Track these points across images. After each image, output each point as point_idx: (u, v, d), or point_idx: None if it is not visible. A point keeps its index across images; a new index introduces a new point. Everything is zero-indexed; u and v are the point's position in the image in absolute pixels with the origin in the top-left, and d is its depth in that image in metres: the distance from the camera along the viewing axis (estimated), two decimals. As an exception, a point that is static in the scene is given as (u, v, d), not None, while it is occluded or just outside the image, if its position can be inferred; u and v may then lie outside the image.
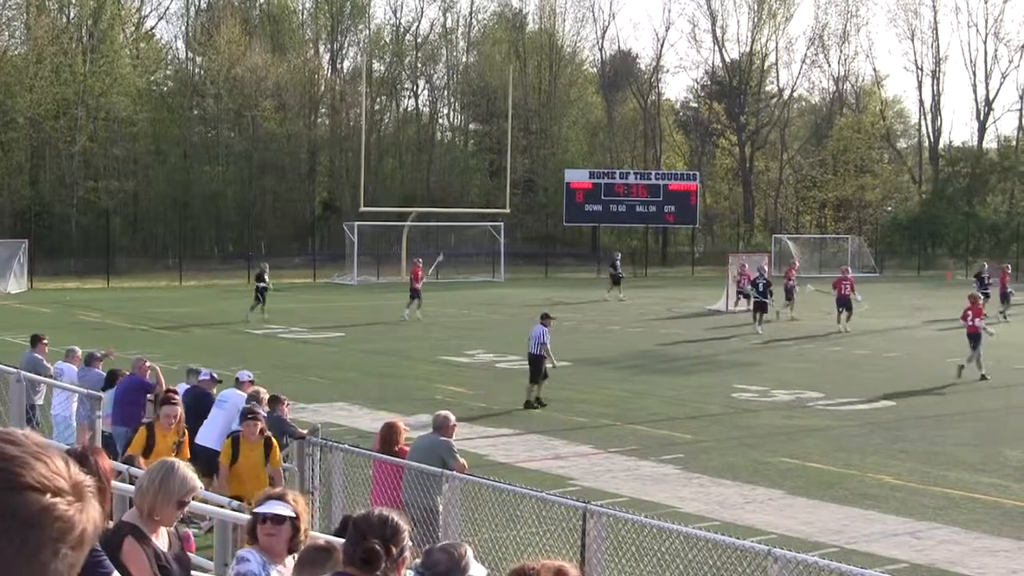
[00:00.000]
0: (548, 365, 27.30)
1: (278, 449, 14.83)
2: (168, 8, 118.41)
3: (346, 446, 15.23)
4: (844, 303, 43.62)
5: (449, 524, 12.79)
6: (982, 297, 36.72)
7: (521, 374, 29.21)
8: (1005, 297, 50.30)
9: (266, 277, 47.14)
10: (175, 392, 16.55)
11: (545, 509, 12.80)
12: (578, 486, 18.51)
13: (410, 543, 6.05)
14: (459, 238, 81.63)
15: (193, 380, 19.33)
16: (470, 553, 5.49)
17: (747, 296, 46.73)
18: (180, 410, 15.61)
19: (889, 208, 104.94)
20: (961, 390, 30.28)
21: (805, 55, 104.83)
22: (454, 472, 13.51)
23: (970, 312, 33.29)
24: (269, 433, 14.83)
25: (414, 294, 46.92)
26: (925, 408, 27.31)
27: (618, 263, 58.78)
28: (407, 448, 14.52)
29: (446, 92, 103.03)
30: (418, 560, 5.74)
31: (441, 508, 13.27)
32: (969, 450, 22.26)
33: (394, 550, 5.92)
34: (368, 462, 14.81)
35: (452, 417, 14.92)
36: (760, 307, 43.61)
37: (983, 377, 31.60)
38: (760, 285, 44.27)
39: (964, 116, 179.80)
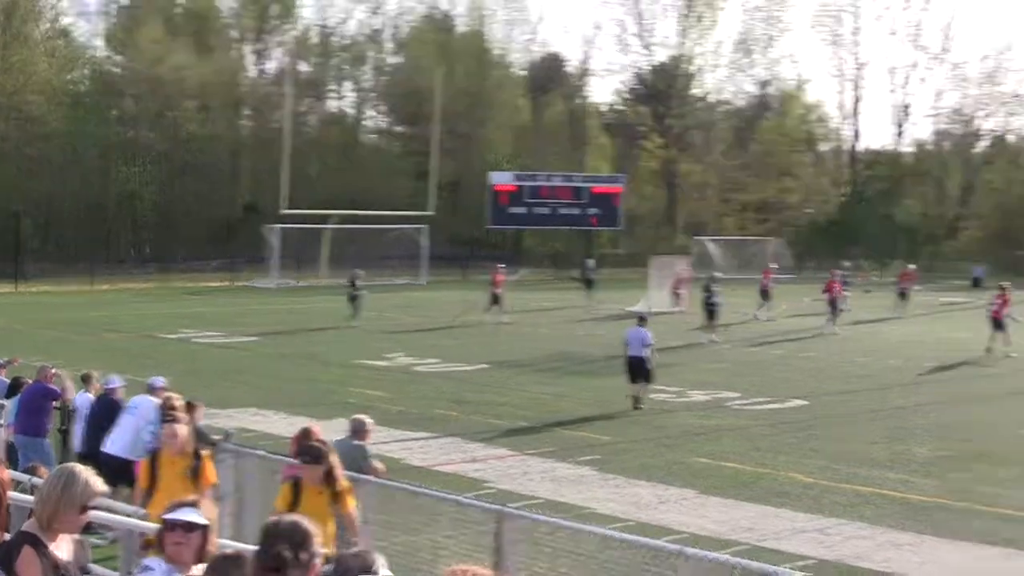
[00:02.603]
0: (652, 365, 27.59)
1: (210, 465, 13.30)
2: (88, 5, 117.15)
3: (261, 452, 15.10)
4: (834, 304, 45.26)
5: (364, 529, 12.88)
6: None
7: (438, 377, 29.31)
8: (903, 295, 51.68)
9: (357, 283, 46.97)
10: (175, 407, 14.72)
11: (461, 512, 12.94)
12: (494, 489, 18.68)
13: (321, 549, 6.08)
14: (383, 241, 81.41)
15: (92, 387, 18.33)
16: (380, 559, 5.58)
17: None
18: (182, 428, 13.25)
19: (809, 210, 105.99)
20: (871, 388, 30.82)
21: (731, 59, 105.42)
22: (370, 476, 13.62)
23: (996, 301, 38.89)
24: (199, 447, 13.31)
25: (495, 299, 48.07)
26: (837, 407, 27.77)
27: (589, 267, 58.86)
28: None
29: (373, 94, 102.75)
30: (329, 566, 5.82)
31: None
32: (878, 447, 22.72)
33: (303, 556, 5.85)
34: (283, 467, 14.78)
35: (369, 421, 14.98)
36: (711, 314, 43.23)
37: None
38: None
39: (883, 121, 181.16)
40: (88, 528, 8.76)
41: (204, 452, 13.35)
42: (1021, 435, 24.28)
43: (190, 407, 15.69)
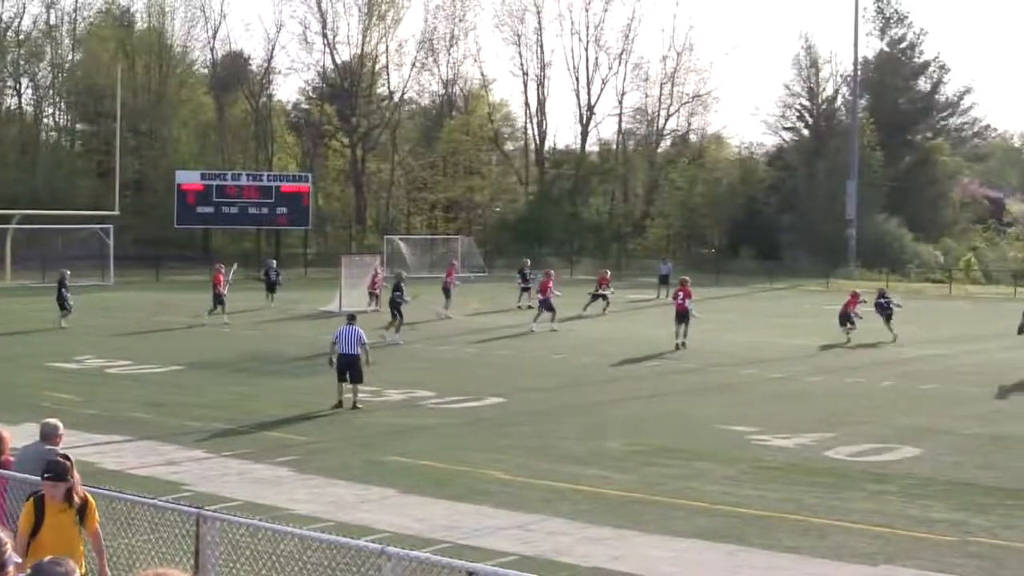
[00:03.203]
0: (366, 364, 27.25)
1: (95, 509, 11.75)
2: None
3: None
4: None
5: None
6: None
7: (130, 379, 28.47)
8: (603, 297, 52.79)
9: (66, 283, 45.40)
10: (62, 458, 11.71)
11: (158, 516, 12.58)
12: (192, 492, 18.26)
13: (15, 556, 5.83)
14: (66, 241, 78.99)
15: None
16: (77, 569, 5.40)
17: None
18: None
19: (497, 209, 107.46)
20: (566, 385, 31.32)
21: (415, 58, 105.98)
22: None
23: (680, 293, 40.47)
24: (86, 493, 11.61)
25: (218, 299, 46.97)
26: (532, 404, 28.09)
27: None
28: (11, 458, 14.02)
29: (51, 91, 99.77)
30: (24, 574, 5.62)
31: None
32: (575, 443, 23.04)
33: None
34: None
35: (60, 425, 14.47)
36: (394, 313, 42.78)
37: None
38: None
39: (568, 120, 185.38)
40: None
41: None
42: (714, 429, 24.96)
43: None
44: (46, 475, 11.15)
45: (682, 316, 40.43)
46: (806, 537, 16.39)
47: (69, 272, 46.89)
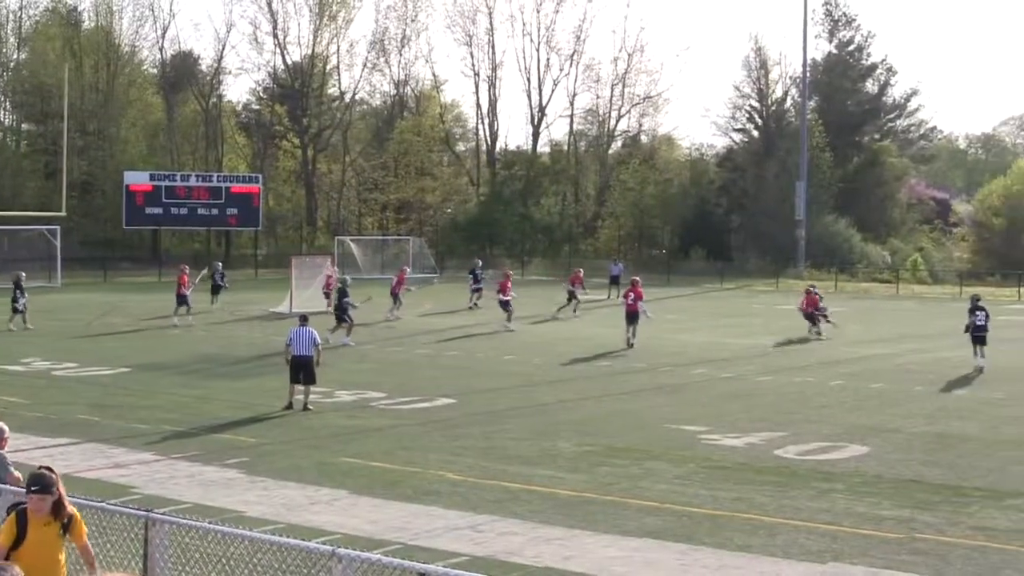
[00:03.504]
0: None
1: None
2: None
3: None
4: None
5: None
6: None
7: (77, 382, 28.29)
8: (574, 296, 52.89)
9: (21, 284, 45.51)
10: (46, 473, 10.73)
11: (106, 519, 12.50)
12: (140, 494, 18.17)
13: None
14: (12, 242, 78.37)
15: None
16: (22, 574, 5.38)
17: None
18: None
19: (449, 210, 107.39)
20: (517, 385, 31.35)
21: (366, 59, 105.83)
22: (8, 486, 13.05)
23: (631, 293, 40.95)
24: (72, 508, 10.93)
25: (181, 300, 47.04)
26: (483, 405, 28.10)
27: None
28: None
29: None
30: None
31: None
32: (526, 444, 23.06)
33: None
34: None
35: (6, 428, 14.39)
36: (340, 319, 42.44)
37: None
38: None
39: (520, 121, 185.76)
40: None
41: None
42: (664, 428, 25.04)
43: None
44: (32, 488, 10.47)
45: (633, 316, 40.60)
46: (756, 536, 16.48)
47: (24, 274, 46.70)
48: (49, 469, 10.80)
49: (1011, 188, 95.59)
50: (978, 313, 36.65)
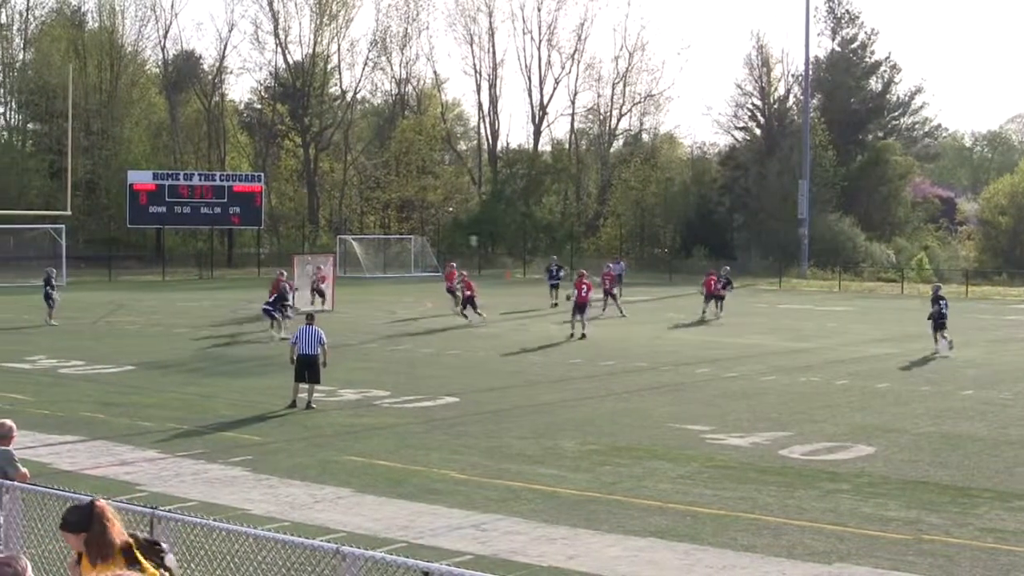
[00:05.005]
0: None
1: None
2: None
3: None
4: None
5: (11, 536, 12.31)
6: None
7: (83, 380, 28.25)
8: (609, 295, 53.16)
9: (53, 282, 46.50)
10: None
11: (111, 517, 12.46)
12: (146, 492, 18.15)
13: None
14: (17, 241, 78.51)
15: None
16: (29, 566, 5.36)
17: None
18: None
19: (451, 208, 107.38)
20: (520, 384, 31.32)
21: (367, 58, 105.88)
22: (15, 482, 13.03)
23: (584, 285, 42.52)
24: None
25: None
26: (486, 403, 28.07)
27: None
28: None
29: (2, 91, 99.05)
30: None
31: (1, 520, 12.77)
32: (529, 443, 23.02)
33: None
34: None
35: (13, 426, 14.38)
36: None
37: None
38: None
39: (521, 120, 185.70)
40: None
41: None
42: (668, 428, 24.99)
43: None
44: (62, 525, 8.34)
45: (582, 307, 42.24)
46: (761, 536, 16.44)
47: (55, 271, 47.17)
48: (91, 504, 8.35)
49: (1017, 186, 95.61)
50: (941, 302, 39.22)
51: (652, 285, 74.96)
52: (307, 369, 27.00)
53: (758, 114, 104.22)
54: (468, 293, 47.16)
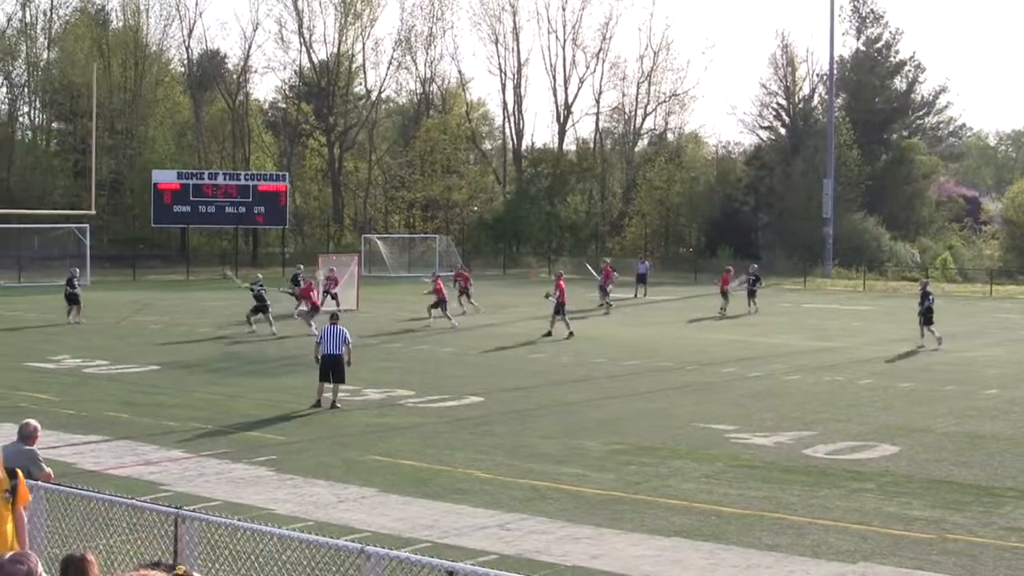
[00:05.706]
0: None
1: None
2: None
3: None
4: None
5: (34, 536, 12.36)
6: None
7: (108, 379, 28.37)
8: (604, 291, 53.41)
9: (75, 282, 46.79)
10: None
11: (136, 516, 12.52)
12: (170, 491, 18.21)
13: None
14: (42, 240, 78.77)
15: None
16: (40, 564, 5.39)
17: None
18: None
19: (475, 208, 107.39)
20: (544, 384, 31.31)
21: (392, 57, 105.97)
22: (39, 482, 13.10)
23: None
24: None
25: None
26: (511, 403, 28.08)
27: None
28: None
29: (26, 90, 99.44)
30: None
31: (25, 519, 12.81)
32: (553, 442, 23.03)
33: None
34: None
35: (38, 426, 14.44)
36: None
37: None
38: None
39: (545, 119, 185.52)
40: None
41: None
42: (692, 427, 24.98)
43: None
44: None
45: (560, 308, 42.70)
46: (785, 535, 16.42)
47: (78, 271, 47.38)
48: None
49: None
50: (930, 296, 41.27)
51: (677, 284, 74.85)
52: (332, 369, 27.05)
53: (783, 113, 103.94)
54: (464, 285, 48.92)
